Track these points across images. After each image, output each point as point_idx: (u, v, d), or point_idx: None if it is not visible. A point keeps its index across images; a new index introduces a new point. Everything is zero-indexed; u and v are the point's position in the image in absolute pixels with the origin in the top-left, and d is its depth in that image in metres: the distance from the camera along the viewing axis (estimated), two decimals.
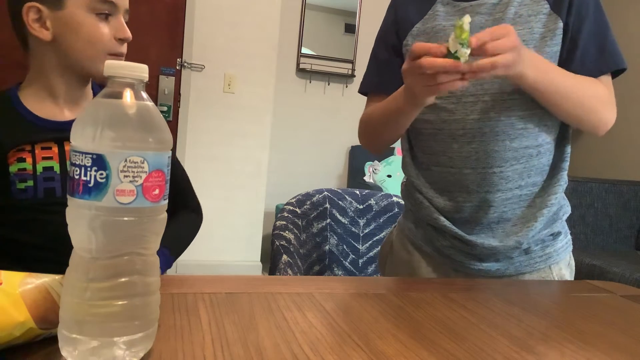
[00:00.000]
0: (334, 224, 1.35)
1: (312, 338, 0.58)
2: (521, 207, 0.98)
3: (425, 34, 1.00)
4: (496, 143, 0.94)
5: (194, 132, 3.22)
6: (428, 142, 1.02)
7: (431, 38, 0.98)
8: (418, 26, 1.02)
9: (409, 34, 1.03)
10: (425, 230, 1.05)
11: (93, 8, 0.93)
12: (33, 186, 0.94)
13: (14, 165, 0.93)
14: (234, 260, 3.36)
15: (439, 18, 1.00)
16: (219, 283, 0.75)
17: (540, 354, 0.60)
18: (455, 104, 0.96)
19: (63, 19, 0.92)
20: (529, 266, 1.00)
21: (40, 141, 0.96)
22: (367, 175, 3.51)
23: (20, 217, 0.94)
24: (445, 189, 1.00)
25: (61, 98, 0.99)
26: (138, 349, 0.48)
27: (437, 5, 1.02)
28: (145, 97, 0.49)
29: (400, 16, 1.06)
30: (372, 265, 1.37)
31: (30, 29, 0.92)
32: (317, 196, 1.34)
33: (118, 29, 0.96)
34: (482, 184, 0.96)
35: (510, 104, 0.93)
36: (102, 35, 0.94)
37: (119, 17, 0.97)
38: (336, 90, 3.88)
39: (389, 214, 1.41)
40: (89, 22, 0.93)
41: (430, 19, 1.02)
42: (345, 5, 3.84)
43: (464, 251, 1.00)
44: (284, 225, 1.23)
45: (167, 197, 0.49)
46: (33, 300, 0.49)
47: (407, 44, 1.03)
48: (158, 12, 3.11)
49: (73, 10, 0.92)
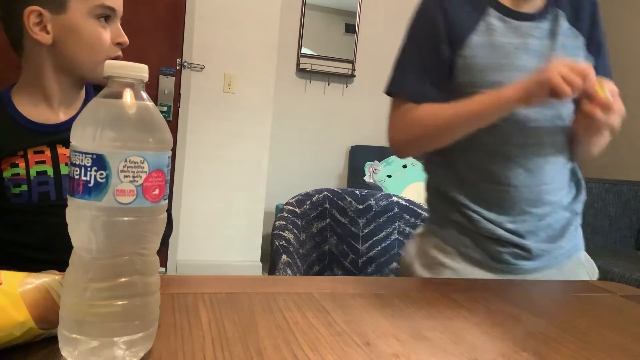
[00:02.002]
0: (334, 224, 1.35)
1: (312, 338, 0.58)
2: (564, 212, 1.08)
3: (484, 48, 1.01)
4: (548, 162, 1.04)
5: (194, 132, 3.22)
6: (480, 161, 1.04)
7: (492, 53, 1.01)
8: (475, 38, 1.02)
9: (466, 44, 1.02)
10: (473, 238, 1.07)
11: (95, 13, 0.93)
12: (27, 190, 0.94)
13: (7, 170, 0.93)
14: (234, 260, 3.36)
15: (497, 34, 1.02)
16: (219, 283, 0.75)
17: (540, 354, 0.60)
18: (515, 127, 1.00)
19: (65, 23, 0.92)
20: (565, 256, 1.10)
21: (33, 146, 0.95)
22: (367, 175, 3.51)
23: (15, 219, 0.94)
24: (495, 204, 1.05)
25: (55, 100, 0.98)
26: (138, 349, 0.48)
27: (490, 18, 1.03)
28: (145, 97, 0.49)
29: (453, 22, 1.03)
30: (372, 265, 1.37)
31: (30, 32, 0.92)
32: (316, 196, 1.34)
33: (116, 34, 0.98)
34: (534, 199, 1.04)
35: (562, 126, 1.03)
36: (103, 39, 0.95)
37: (116, 22, 0.98)
38: (336, 90, 3.88)
39: (389, 214, 1.41)
40: (91, 26, 0.94)
41: (486, 31, 1.02)
42: (345, 5, 3.84)
43: (519, 254, 1.05)
44: (284, 225, 1.22)
45: (167, 197, 0.49)
46: (33, 300, 0.49)
47: (465, 55, 1.02)
48: (158, 12, 3.11)
49: (75, 15, 0.92)
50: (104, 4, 0.94)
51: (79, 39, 0.93)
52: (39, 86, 0.97)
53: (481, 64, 1.00)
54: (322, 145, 3.90)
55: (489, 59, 1.00)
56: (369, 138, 3.96)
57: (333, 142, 3.91)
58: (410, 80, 1.05)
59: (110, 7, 0.95)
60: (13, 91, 0.99)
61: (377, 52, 3.94)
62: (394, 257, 1.37)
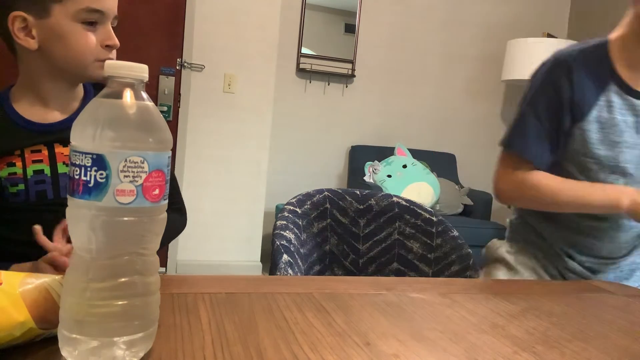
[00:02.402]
0: (335, 224, 1.34)
1: (312, 338, 0.58)
2: (635, 258, 1.22)
3: (601, 123, 1.08)
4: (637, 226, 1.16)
5: (194, 132, 3.22)
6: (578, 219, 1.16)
7: (607, 129, 1.08)
8: (595, 113, 1.09)
9: (586, 118, 1.09)
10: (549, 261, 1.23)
11: (79, 17, 0.91)
12: (24, 190, 0.94)
13: (4, 170, 0.93)
14: (234, 260, 3.36)
15: (615, 110, 1.09)
16: (219, 283, 0.75)
17: (540, 354, 0.60)
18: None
19: (49, 28, 0.91)
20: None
21: (30, 145, 0.96)
22: (367, 175, 3.51)
23: (12, 217, 0.95)
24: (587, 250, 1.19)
25: (51, 101, 0.98)
26: (138, 349, 0.48)
27: (611, 93, 1.09)
28: (145, 97, 0.49)
29: (577, 95, 1.09)
30: (372, 265, 1.37)
31: (15, 37, 0.91)
32: (317, 196, 1.34)
33: (105, 36, 0.95)
34: (615, 250, 1.18)
35: None
36: (88, 44, 0.93)
37: (106, 24, 0.96)
38: (336, 90, 3.88)
39: (389, 214, 1.40)
40: (75, 31, 0.92)
41: (606, 107, 1.09)
42: (345, 5, 3.84)
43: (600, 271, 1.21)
44: (285, 225, 1.22)
45: (167, 197, 0.49)
46: (33, 300, 0.49)
47: (583, 128, 1.09)
48: (158, 12, 3.10)
49: (59, 19, 0.90)
50: (89, 7, 0.91)
51: (65, 43, 0.92)
52: (34, 87, 0.97)
53: (595, 138, 1.08)
54: (322, 145, 3.90)
55: (603, 135, 1.08)
56: (369, 138, 3.96)
57: (333, 142, 3.91)
58: (531, 143, 1.13)
59: (97, 10, 0.92)
60: (12, 92, 0.99)
61: (377, 52, 3.94)
62: (394, 257, 1.37)
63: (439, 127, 4.13)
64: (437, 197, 3.48)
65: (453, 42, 4.10)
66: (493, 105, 4.23)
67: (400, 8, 3.96)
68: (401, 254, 1.35)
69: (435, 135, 4.12)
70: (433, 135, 4.11)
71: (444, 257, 1.29)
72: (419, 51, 4.02)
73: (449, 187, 3.62)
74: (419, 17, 4.00)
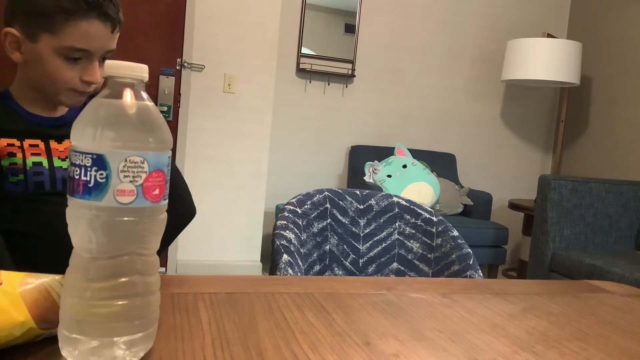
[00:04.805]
0: (335, 224, 1.35)
1: (312, 338, 0.58)
2: None
3: None
4: None
5: (194, 132, 3.22)
6: None
7: None
8: None
9: None
10: None
11: (62, 53, 0.95)
12: (24, 180, 0.99)
13: (5, 159, 0.98)
14: (234, 260, 3.36)
15: None
16: (219, 283, 0.75)
17: (540, 354, 0.60)
18: None
19: (34, 51, 0.96)
20: None
21: (29, 138, 1.01)
22: (367, 175, 3.51)
23: (12, 207, 0.99)
24: None
25: (48, 101, 1.04)
26: (138, 349, 0.48)
27: None
28: (145, 97, 0.49)
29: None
30: (372, 265, 1.37)
31: (5, 48, 0.97)
32: (317, 196, 1.34)
33: (87, 72, 0.97)
34: None
35: None
36: (64, 77, 0.96)
37: (93, 61, 0.97)
38: (336, 90, 3.88)
39: (389, 214, 1.40)
40: (55, 63, 0.95)
41: None
42: (345, 5, 3.84)
43: None
44: (285, 224, 1.22)
45: (167, 197, 0.49)
46: (33, 300, 0.49)
47: None
48: (158, 12, 3.11)
49: (44, 48, 0.95)
50: (74, 46, 0.94)
51: (43, 69, 0.96)
52: (31, 89, 1.02)
53: None
54: (322, 145, 3.90)
55: None
56: (369, 138, 3.96)
57: (333, 142, 3.91)
58: None
59: (82, 50, 0.95)
60: (11, 89, 1.04)
61: (377, 52, 3.94)
62: (394, 257, 1.37)
63: (438, 127, 4.13)
64: (437, 197, 3.48)
65: (453, 42, 4.10)
66: (493, 105, 4.23)
67: (400, 8, 3.96)
68: (401, 254, 1.35)
69: (435, 135, 4.12)
70: (433, 135, 4.11)
71: (444, 257, 1.29)
72: (419, 51, 4.02)
73: (449, 187, 3.62)
74: (419, 17, 4.00)
